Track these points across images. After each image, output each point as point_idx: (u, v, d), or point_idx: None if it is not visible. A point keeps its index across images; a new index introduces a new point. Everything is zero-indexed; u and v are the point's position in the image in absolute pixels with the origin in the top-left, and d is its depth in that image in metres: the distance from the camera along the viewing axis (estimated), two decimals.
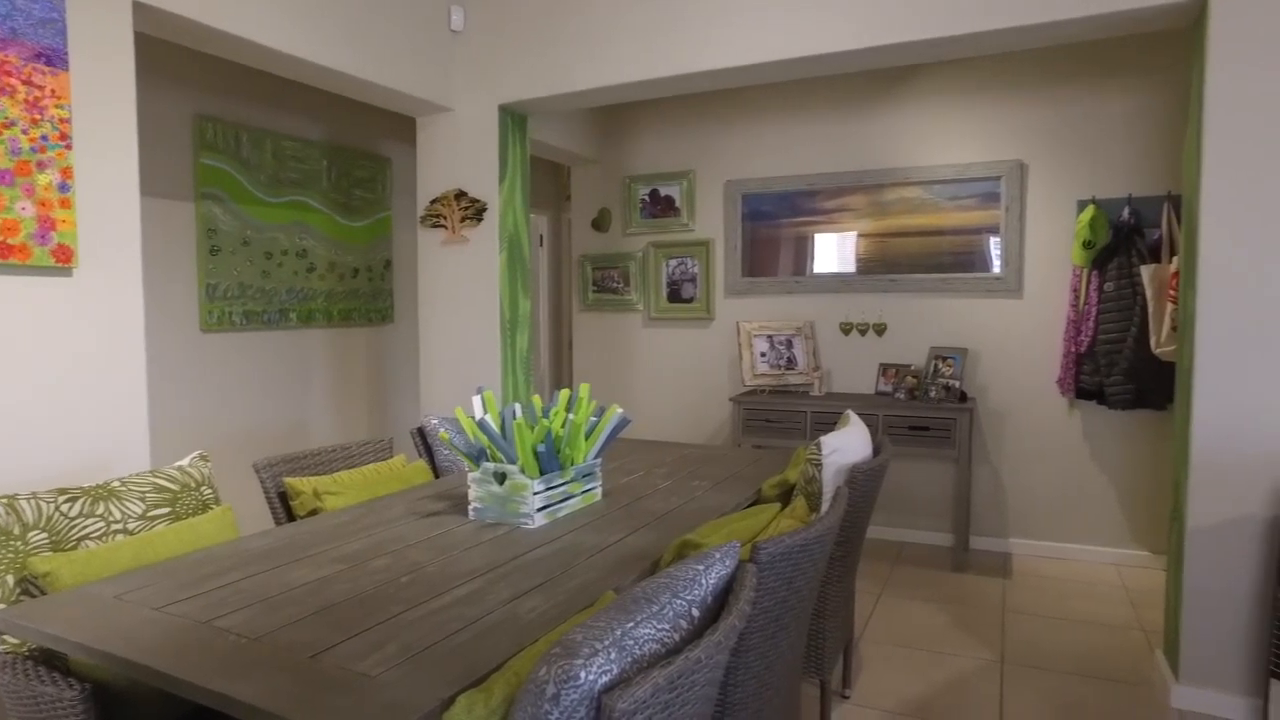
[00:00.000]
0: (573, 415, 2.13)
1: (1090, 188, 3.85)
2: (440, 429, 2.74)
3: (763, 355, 4.34)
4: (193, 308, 3.51)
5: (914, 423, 3.82)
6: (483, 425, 1.99)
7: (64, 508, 1.72)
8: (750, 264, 4.64)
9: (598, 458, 2.25)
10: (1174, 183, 3.69)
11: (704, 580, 1.19)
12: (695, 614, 1.16)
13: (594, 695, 0.94)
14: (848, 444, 2.17)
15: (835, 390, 4.44)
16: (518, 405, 2.11)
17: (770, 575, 1.44)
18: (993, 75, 4.03)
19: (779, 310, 4.57)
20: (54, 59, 2.09)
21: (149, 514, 1.88)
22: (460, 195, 3.68)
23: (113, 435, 2.29)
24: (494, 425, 2.06)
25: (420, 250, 3.84)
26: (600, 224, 5.07)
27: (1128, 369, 3.56)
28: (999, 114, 4.02)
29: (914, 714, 2.48)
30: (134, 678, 1.22)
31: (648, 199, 4.89)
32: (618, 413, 2.24)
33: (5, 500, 1.64)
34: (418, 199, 3.83)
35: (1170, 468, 3.59)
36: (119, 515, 1.82)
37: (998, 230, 4.03)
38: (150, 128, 3.31)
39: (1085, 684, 2.68)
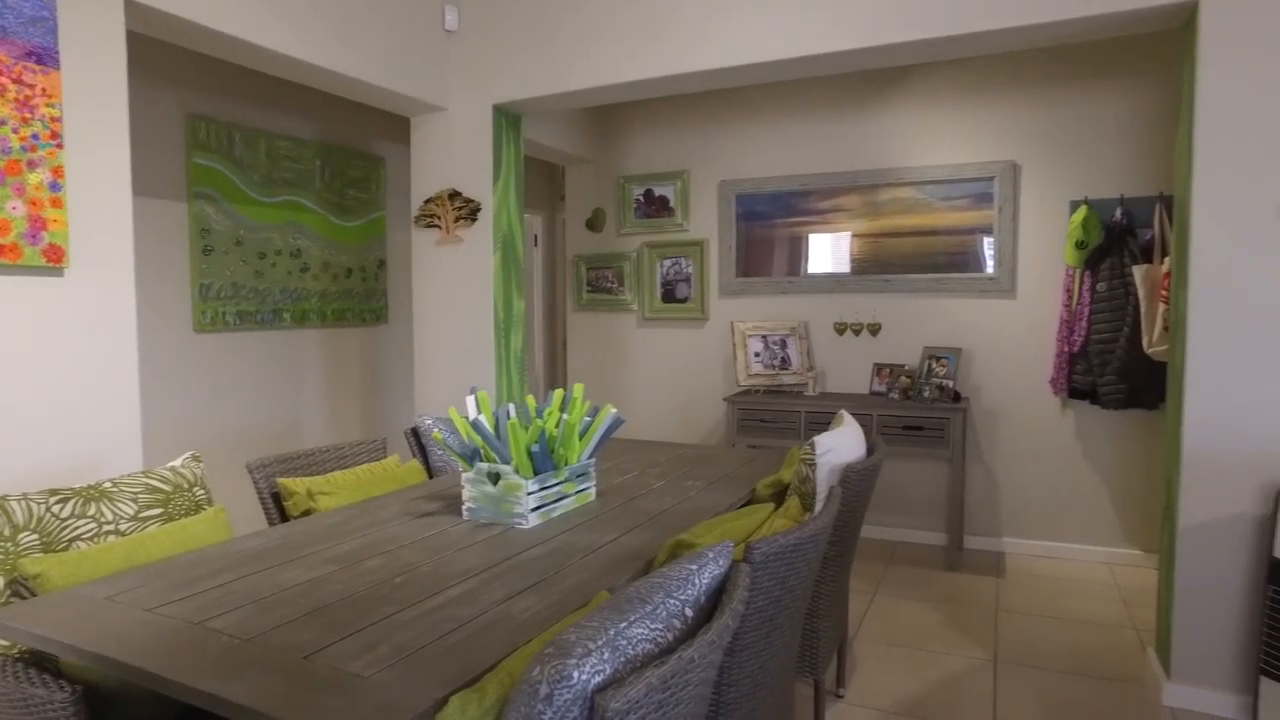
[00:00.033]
0: (567, 415, 2.13)
1: (1083, 188, 3.87)
2: (434, 429, 2.73)
3: (757, 355, 4.34)
4: (186, 308, 3.50)
5: (908, 422, 3.83)
6: (476, 425, 1.98)
7: (55, 509, 1.72)
8: (744, 264, 4.65)
9: (592, 458, 2.25)
10: (1166, 183, 3.70)
11: (697, 580, 1.19)
12: (689, 614, 1.16)
13: (587, 695, 0.94)
14: (841, 444, 2.18)
15: (829, 390, 4.44)
16: (512, 405, 2.11)
17: (764, 575, 1.44)
18: (985, 76, 4.04)
19: (773, 310, 4.58)
20: (45, 57, 2.08)
21: (141, 515, 1.87)
22: (454, 195, 3.68)
23: (105, 436, 2.28)
24: (488, 425, 2.06)
25: (414, 250, 3.83)
26: (594, 224, 5.07)
27: (1120, 369, 3.58)
28: (992, 115, 4.03)
29: (908, 713, 2.49)
30: (125, 679, 1.21)
31: (642, 199, 4.90)
32: (611, 413, 2.24)
33: None
34: (412, 199, 3.82)
35: (1162, 467, 3.61)
36: (111, 516, 1.81)
37: (991, 230, 4.04)
38: (142, 127, 3.30)
39: (1078, 682, 2.69)
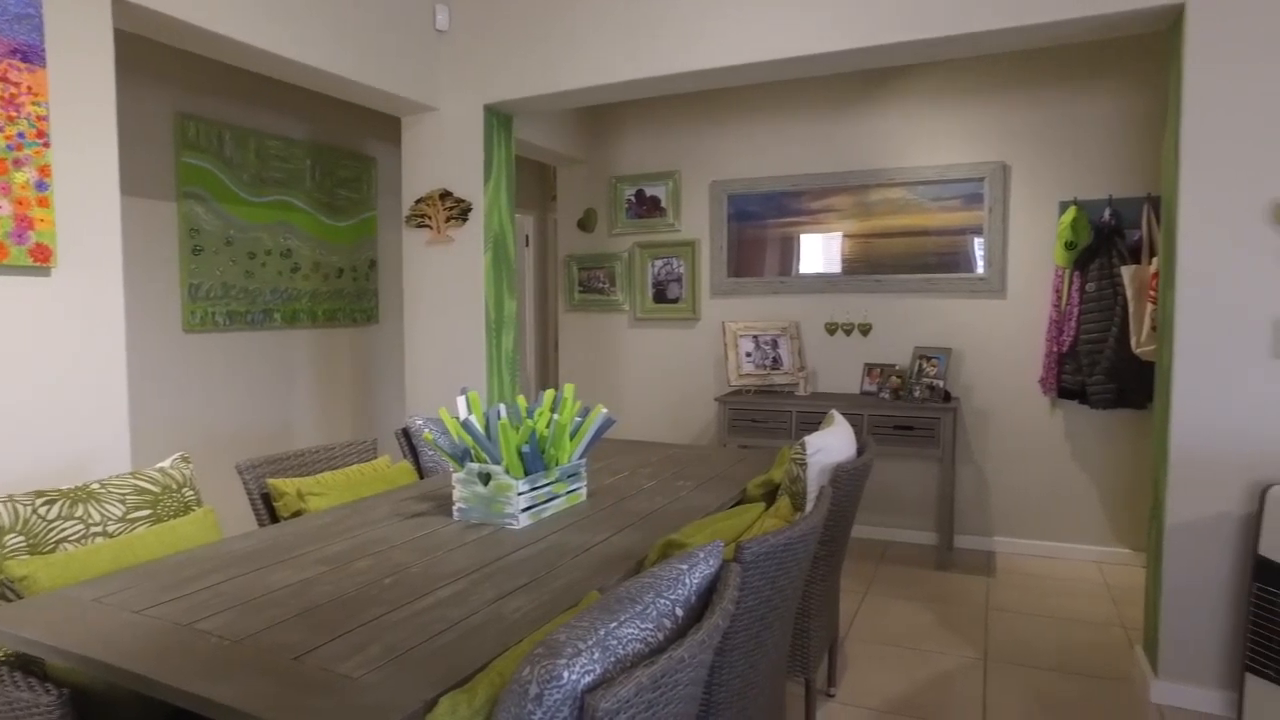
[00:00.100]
0: (558, 415, 2.13)
1: (1072, 189, 3.89)
2: (425, 429, 2.73)
3: (748, 355, 4.35)
4: (175, 308, 3.48)
5: (898, 422, 3.84)
6: (467, 426, 1.98)
7: (41, 510, 1.70)
8: (736, 264, 4.65)
9: (583, 458, 2.25)
10: (1154, 184, 3.73)
11: (688, 580, 1.20)
12: (679, 613, 1.17)
13: (577, 695, 0.94)
14: (832, 443, 2.18)
15: (820, 390, 4.45)
16: (503, 406, 2.11)
17: (754, 574, 1.45)
18: (975, 77, 4.06)
19: (764, 310, 4.59)
20: (31, 55, 2.07)
21: (129, 516, 1.86)
22: (445, 195, 3.67)
23: (92, 436, 2.26)
24: (479, 426, 2.05)
25: (405, 250, 3.82)
26: (586, 224, 5.07)
27: (1109, 368, 3.60)
28: (981, 116, 4.05)
29: (899, 712, 2.50)
30: (113, 681, 1.20)
31: (633, 199, 4.90)
32: (602, 413, 2.24)
33: None
34: (403, 199, 3.81)
35: (1150, 466, 3.64)
36: (98, 518, 1.80)
37: (981, 231, 4.06)
38: (131, 126, 3.28)
39: (1067, 680, 2.70)
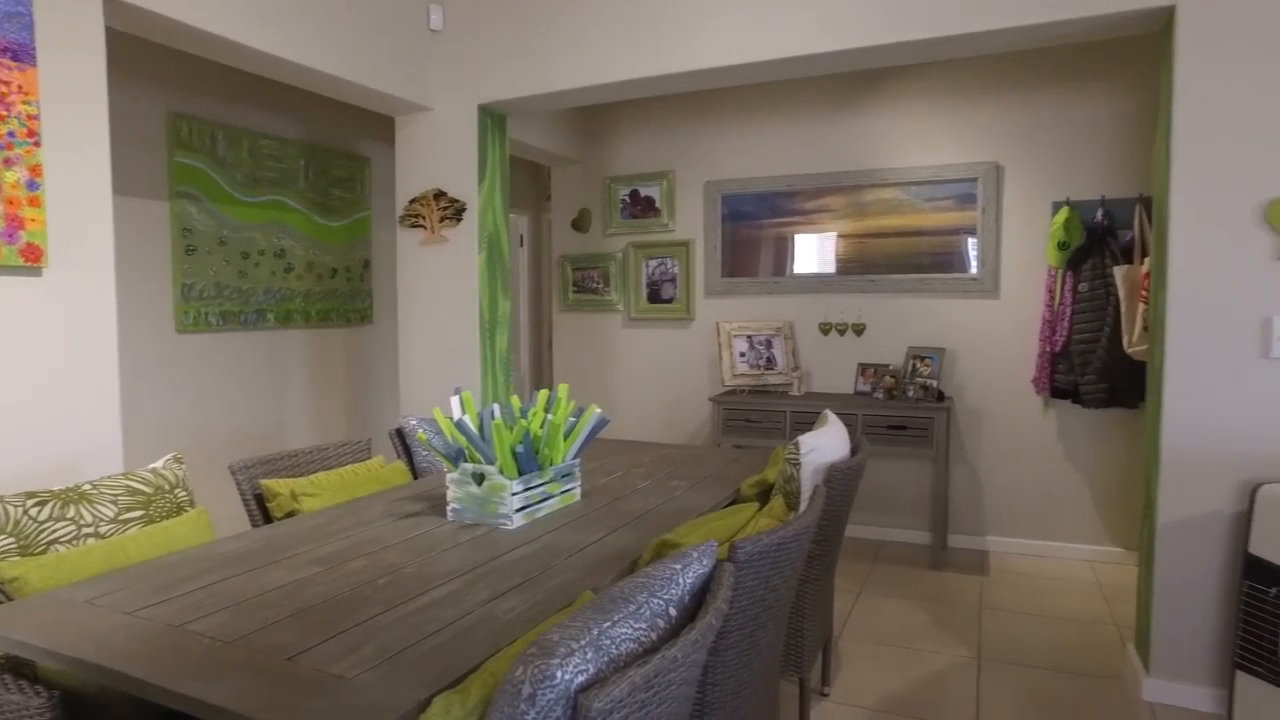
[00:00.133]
0: (551, 415, 2.13)
1: (1065, 189, 3.90)
2: (419, 430, 2.72)
3: (742, 355, 4.36)
4: (168, 308, 3.47)
5: (892, 422, 3.85)
6: (461, 426, 1.98)
7: (32, 511, 1.70)
8: (730, 264, 4.66)
9: (576, 458, 2.25)
10: (1145, 184, 3.75)
11: (681, 580, 1.20)
12: (672, 613, 1.17)
13: (570, 695, 0.94)
14: (826, 443, 2.19)
15: (814, 390, 4.46)
16: (496, 406, 2.11)
17: (748, 574, 1.45)
18: (968, 78, 4.07)
19: (759, 310, 4.59)
20: (21, 54, 2.06)
21: (121, 517, 1.85)
22: (439, 195, 3.67)
23: (84, 437, 2.25)
24: (472, 426, 2.05)
25: (399, 250, 3.81)
26: (580, 224, 5.07)
27: (1101, 368, 3.62)
28: (975, 116, 4.06)
29: (893, 711, 2.50)
30: (104, 683, 1.20)
31: (628, 199, 4.90)
32: (596, 413, 2.24)
33: None
34: (397, 199, 3.81)
35: (1142, 465, 3.65)
36: (90, 519, 1.79)
37: (974, 231, 4.07)
38: (123, 125, 3.26)
39: (1060, 679, 2.72)
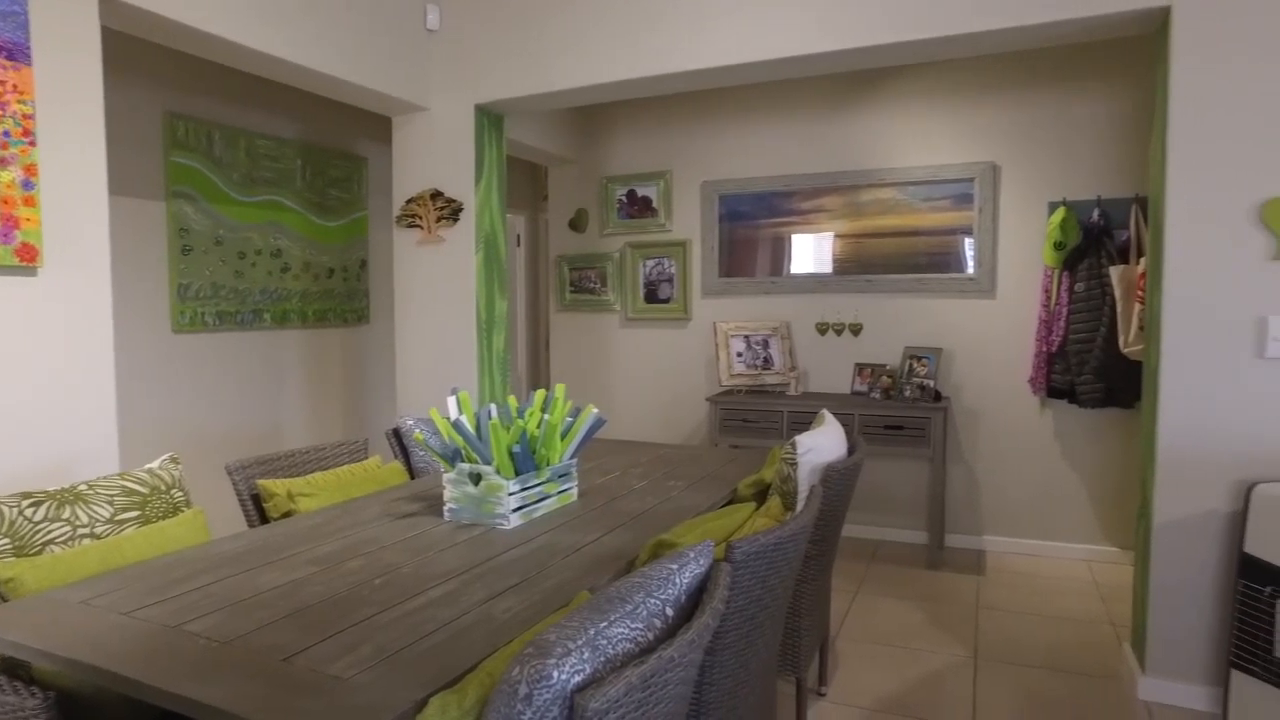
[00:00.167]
0: (548, 415, 2.13)
1: (1061, 189, 3.91)
2: (416, 430, 2.72)
3: (739, 355, 4.36)
4: (164, 308, 3.46)
5: (889, 422, 3.86)
6: (458, 426, 1.98)
7: (28, 512, 1.69)
8: (727, 264, 4.66)
9: (573, 458, 2.25)
10: (1141, 185, 3.75)
11: (678, 579, 1.20)
12: (669, 613, 1.17)
13: (567, 695, 0.94)
14: (823, 443, 2.19)
15: (811, 390, 4.47)
16: (493, 406, 2.11)
17: (745, 574, 1.45)
18: (965, 78, 4.08)
19: (756, 310, 4.59)
20: (16, 53, 2.05)
21: (117, 518, 1.85)
22: (436, 195, 3.66)
23: (80, 437, 2.25)
24: (469, 426, 2.05)
25: (396, 250, 3.81)
26: (577, 224, 5.07)
27: (1097, 368, 3.62)
28: (972, 116, 4.07)
29: (890, 710, 2.51)
30: (100, 684, 1.20)
31: (625, 199, 4.90)
32: (593, 413, 2.24)
33: None
34: (393, 199, 3.80)
35: (1138, 465, 3.66)
36: (86, 519, 1.79)
37: (971, 231, 4.08)
38: (119, 125, 3.26)
39: (1056, 678, 2.72)
